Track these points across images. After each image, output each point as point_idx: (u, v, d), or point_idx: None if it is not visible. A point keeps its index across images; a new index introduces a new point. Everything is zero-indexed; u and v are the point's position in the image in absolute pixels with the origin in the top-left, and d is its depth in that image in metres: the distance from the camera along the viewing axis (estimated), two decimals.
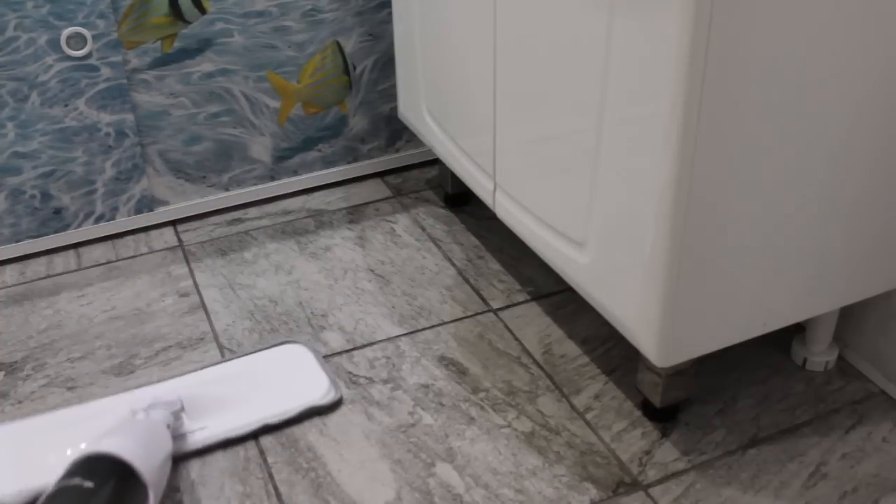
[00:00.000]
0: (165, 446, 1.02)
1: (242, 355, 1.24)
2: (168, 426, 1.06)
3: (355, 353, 1.27)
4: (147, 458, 0.97)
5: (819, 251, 1.03)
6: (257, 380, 1.19)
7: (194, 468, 1.10)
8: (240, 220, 1.57)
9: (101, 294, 1.40)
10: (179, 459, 1.10)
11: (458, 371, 1.23)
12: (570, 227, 1.09)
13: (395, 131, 1.66)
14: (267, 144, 1.57)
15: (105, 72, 1.40)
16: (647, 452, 1.10)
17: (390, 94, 1.62)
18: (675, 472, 1.08)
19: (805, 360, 1.21)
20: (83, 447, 0.97)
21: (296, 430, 1.14)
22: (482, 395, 1.19)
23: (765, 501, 1.04)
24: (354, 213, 1.58)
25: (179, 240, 1.52)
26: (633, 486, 1.06)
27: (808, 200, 0.99)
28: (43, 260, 1.48)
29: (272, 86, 1.52)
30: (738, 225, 0.95)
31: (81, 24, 1.36)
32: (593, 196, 1.03)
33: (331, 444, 1.13)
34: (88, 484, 0.91)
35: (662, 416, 1.14)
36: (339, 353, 1.26)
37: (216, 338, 1.30)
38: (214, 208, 1.58)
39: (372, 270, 1.43)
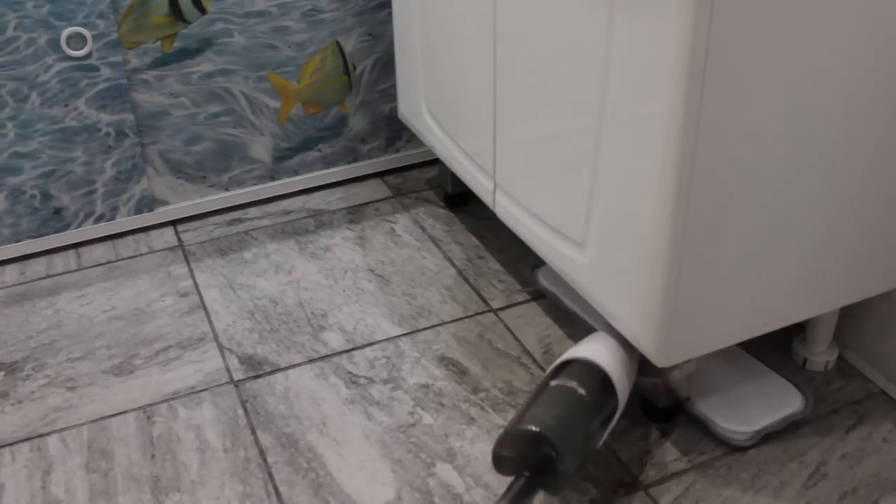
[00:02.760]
0: (627, 354, 1.07)
1: None
2: None
3: (355, 353, 1.27)
4: (617, 366, 1.03)
5: (819, 251, 1.03)
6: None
7: (194, 468, 1.10)
8: (240, 220, 1.57)
9: (101, 294, 1.40)
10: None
11: (458, 371, 1.23)
12: (570, 227, 1.09)
13: (395, 131, 1.66)
14: (267, 144, 1.57)
15: (105, 72, 1.40)
16: (647, 452, 1.10)
17: (390, 94, 1.62)
18: (675, 472, 1.08)
19: (805, 360, 1.21)
20: (575, 353, 1.05)
21: (296, 431, 1.14)
22: (482, 395, 1.19)
23: (765, 501, 1.04)
24: (354, 213, 1.58)
25: (179, 240, 1.52)
26: (633, 486, 1.06)
27: (808, 200, 0.99)
28: (43, 260, 1.48)
29: (272, 86, 1.52)
30: (738, 225, 0.95)
31: (81, 24, 1.36)
32: (593, 196, 1.03)
33: (331, 444, 1.13)
34: (581, 390, 0.99)
35: (662, 416, 1.14)
36: (339, 353, 1.27)
37: (216, 338, 1.30)
38: (214, 208, 1.58)
39: (372, 270, 1.43)
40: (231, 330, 1.32)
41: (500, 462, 0.95)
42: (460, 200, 1.58)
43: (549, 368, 1.06)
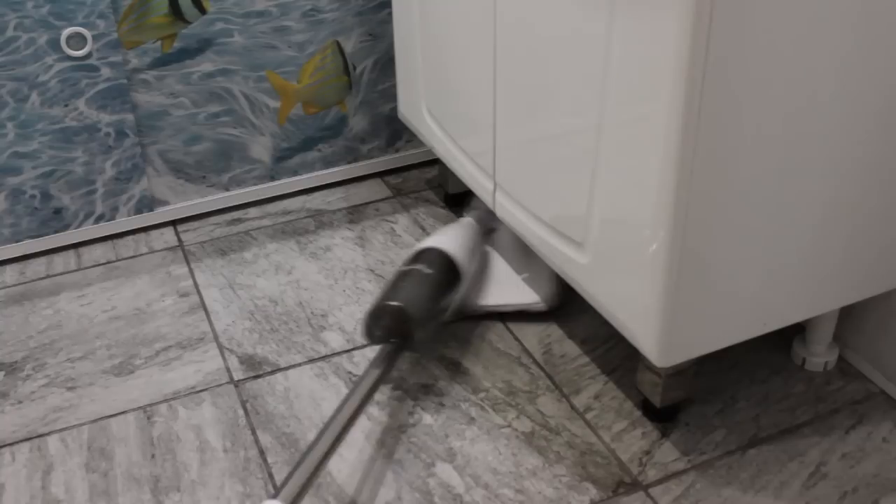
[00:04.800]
0: (478, 246, 1.34)
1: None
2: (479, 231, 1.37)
3: (355, 353, 1.27)
4: (464, 254, 1.28)
5: (819, 251, 1.03)
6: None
7: (194, 468, 1.10)
8: (240, 220, 1.57)
9: (101, 294, 1.40)
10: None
11: (458, 371, 1.23)
12: (570, 227, 1.09)
13: (395, 131, 1.66)
14: (267, 144, 1.57)
15: (105, 72, 1.40)
16: (647, 452, 1.10)
17: (390, 94, 1.62)
18: (675, 472, 1.08)
19: (805, 360, 1.21)
20: (424, 243, 1.28)
21: (296, 431, 1.14)
22: (482, 395, 1.19)
23: (765, 501, 1.04)
24: (354, 213, 1.58)
25: (179, 240, 1.52)
26: (633, 486, 1.06)
27: (808, 200, 0.99)
28: (43, 260, 1.48)
29: (272, 86, 1.52)
30: (737, 225, 0.95)
31: (81, 24, 1.36)
32: (593, 196, 1.03)
33: None
34: (428, 270, 1.21)
35: (662, 416, 1.14)
36: (339, 353, 1.27)
37: (216, 338, 1.30)
38: (214, 208, 1.58)
39: (372, 270, 1.43)
40: (231, 330, 1.32)
41: (371, 334, 1.17)
42: (460, 200, 1.58)
43: (404, 260, 1.29)
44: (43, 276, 1.44)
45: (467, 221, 1.36)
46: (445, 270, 1.23)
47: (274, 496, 0.93)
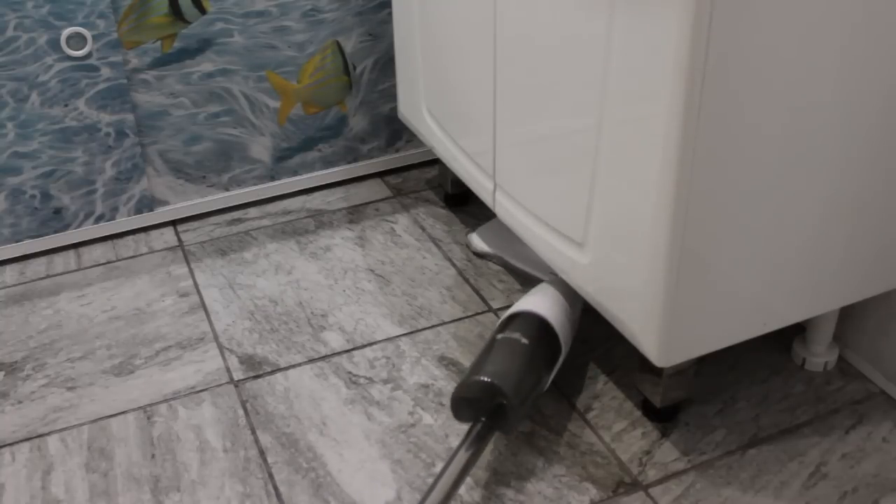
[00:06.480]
0: (568, 303, 1.18)
1: None
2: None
3: (355, 353, 1.27)
4: (558, 314, 1.14)
5: (819, 251, 1.03)
6: None
7: (194, 468, 1.10)
8: (240, 220, 1.57)
9: (101, 294, 1.40)
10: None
11: (459, 371, 1.23)
12: (570, 227, 1.09)
13: (395, 131, 1.66)
14: (267, 144, 1.57)
15: (105, 72, 1.40)
16: (647, 452, 1.10)
17: (390, 94, 1.62)
18: (675, 472, 1.08)
19: (805, 360, 1.21)
20: (519, 306, 1.15)
21: (296, 431, 1.14)
22: None
23: (765, 501, 1.04)
24: (354, 213, 1.58)
25: (179, 240, 1.52)
26: (633, 486, 1.06)
27: (808, 200, 0.99)
28: (43, 260, 1.48)
29: (272, 86, 1.52)
30: (738, 225, 0.95)
31: (81, 24, 1.36)
32: (593, 196, 1.03)
33: (331, 444, 1.13)
34: (524, 340, 1.08)
35: (662, 416, 1.14)
36: (339, 353, 1.27)
37: (216, 338, 1.30)
38: (214, 208, 1.58)
39: (372, 270, 1.43)
40: (231, 330, 1.32)
41: (459, 411, 1.05)
42: (460, 200, 1.58)
43: (497, 323, 1.14)
44: (43, 276, 1.44)
45: (555, 279, 1.21)
46: (544, 340, 1.10)
47: None
